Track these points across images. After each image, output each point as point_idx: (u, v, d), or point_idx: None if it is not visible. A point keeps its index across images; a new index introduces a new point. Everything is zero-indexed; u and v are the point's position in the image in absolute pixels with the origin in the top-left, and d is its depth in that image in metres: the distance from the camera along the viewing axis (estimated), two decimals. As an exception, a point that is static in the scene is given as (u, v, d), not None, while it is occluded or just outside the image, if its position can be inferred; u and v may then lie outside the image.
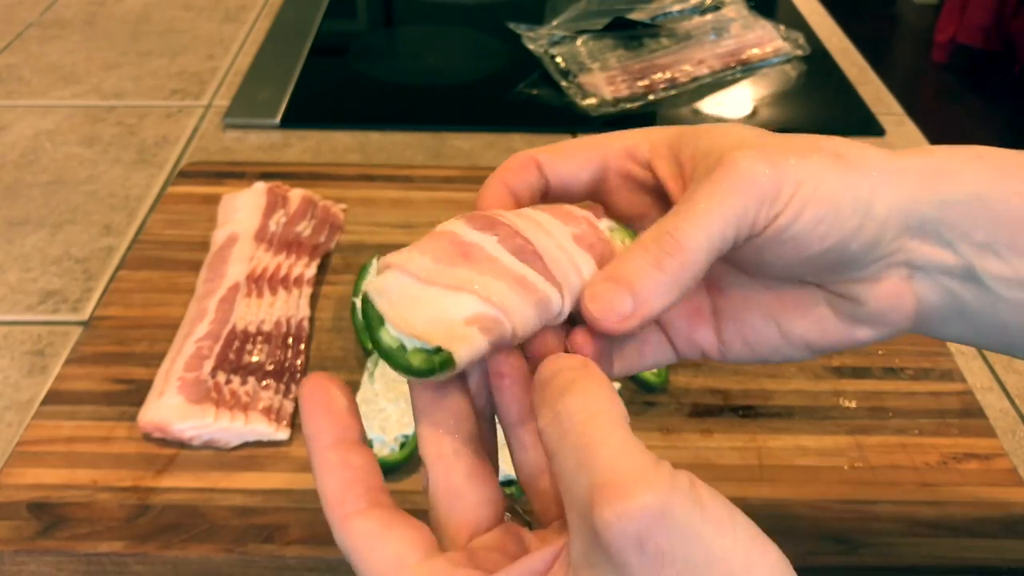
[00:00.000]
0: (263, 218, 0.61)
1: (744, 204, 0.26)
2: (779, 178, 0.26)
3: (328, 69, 0.91)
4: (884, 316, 0.29)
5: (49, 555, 0.43)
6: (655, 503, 0.19)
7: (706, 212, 0.26)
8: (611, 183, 0.31)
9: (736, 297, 0.31)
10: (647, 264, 0.25)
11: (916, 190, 0.27)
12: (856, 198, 0.27)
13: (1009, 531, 0.44)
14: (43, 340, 0.57)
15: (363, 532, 0.24)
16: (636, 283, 0.25)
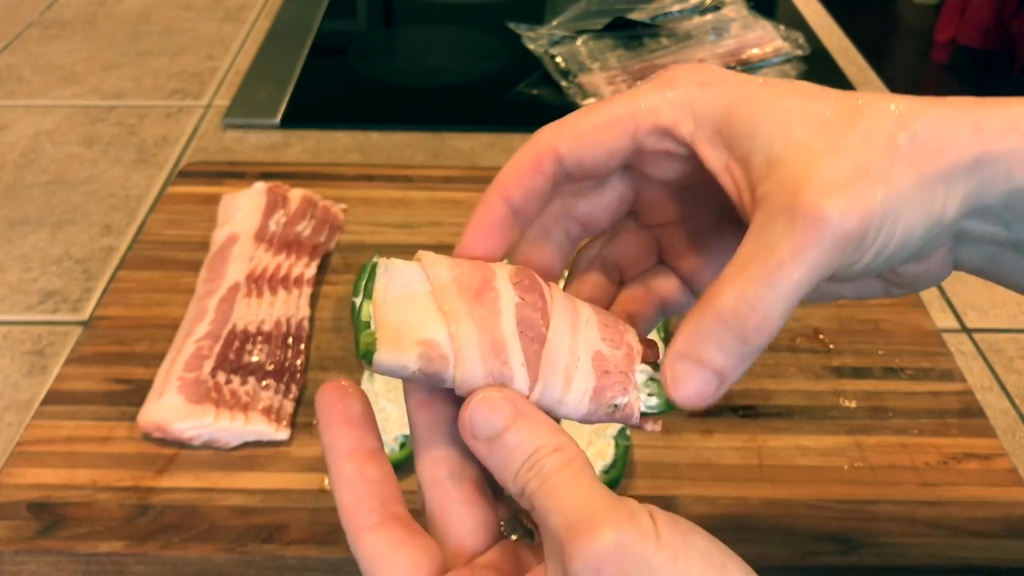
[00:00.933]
0: (263, 218, 0.61)
1: (831, 260, 0.24)
2: (866, 224, 0.24)
3: (328, 69, 0.91)
4: (922, 282, 0.29)
5: (49, 555, 0.43)
6: (612, 538, 0.21)
7: (791, 279, 0.23)
8: (644, 158, 0.28)
9: None
10: (730, 339, 0.24)
11: (991, 179, 0.25)
12: (931, 215, 0.25)
13: (1009, 531, 0.44)
14: (43, 340, 0.57)
15: (374, 550, 0.25)
16: (723, 366, 0.25)
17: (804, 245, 0.23)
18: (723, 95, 0.26)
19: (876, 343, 0.55)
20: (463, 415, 0.25)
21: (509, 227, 0.27)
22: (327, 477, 0.26)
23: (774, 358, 0.54)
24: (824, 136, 0.24)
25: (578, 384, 0.26)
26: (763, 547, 0.43)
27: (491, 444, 0.24)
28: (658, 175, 0.28)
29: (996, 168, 0.25)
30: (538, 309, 0.26)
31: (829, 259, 0.24)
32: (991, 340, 0.59)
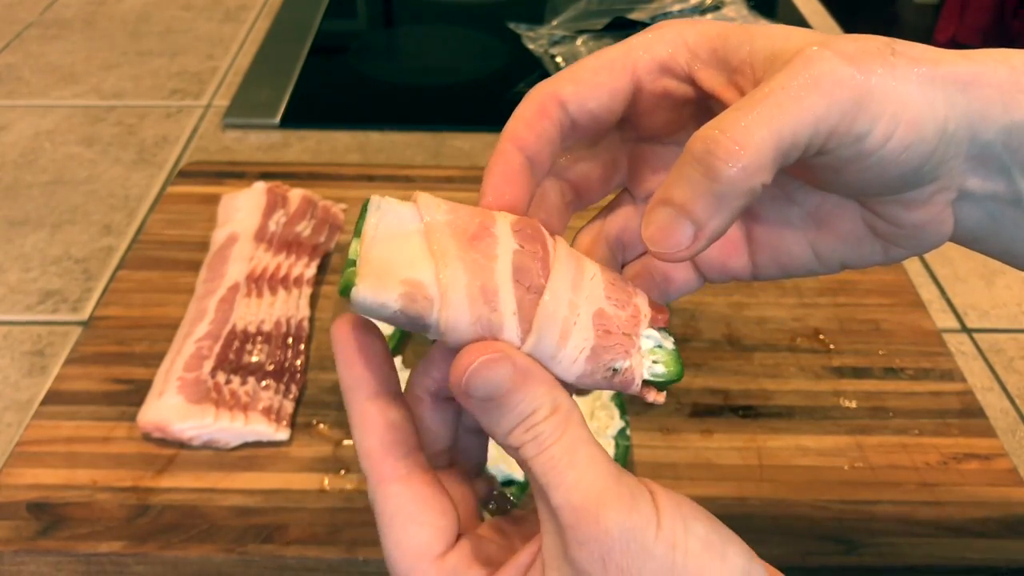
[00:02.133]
0: (263, 218, 0.61)
1: (827, 105, 0.22)
2: (867, 86, 0.23)
3: (328, 69, 0.91)
4: (922, 239, 0.28)
5: (49, 555, 0.43)
6: (616, 526, 0.22)
7: (776, 105, 0.22)
8: (644, 104, 0.27)
9: (773, 224, 0.29)
10: (699, 175, 0.22)
11: (988, 106, 0.25)
12: (937, 118, 0.24)
13: (1009, 531, 0.44)
14: (43, 340, 0.57)
15: (398, 504, 0.24)
16: (693, 204, 0.22)
17: (793, 76, 0.22)
18: (713, 26, 0.26)
19: (876, 343, 0.55)
20: (457, 373, 0.23)
21: (527, 176, 0.26)
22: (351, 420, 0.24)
23: (774, 358, 0.54)
24: (822, 36, 0.24)
25: (575, 341, 0.24)
26: (763, 547, 0.43)
27: (485, 403, 0.23)
28: (655, 126, 0.28)
29: (991, 95, 0.24)
30: (538, 259, 0.25)
31: (826, 101, 0.22)
32: (991, 340, 0.59)
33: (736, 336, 0.56)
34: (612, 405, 0.49)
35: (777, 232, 0.29)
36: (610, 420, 0.48)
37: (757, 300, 0.58)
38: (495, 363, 0.23)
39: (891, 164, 0.24)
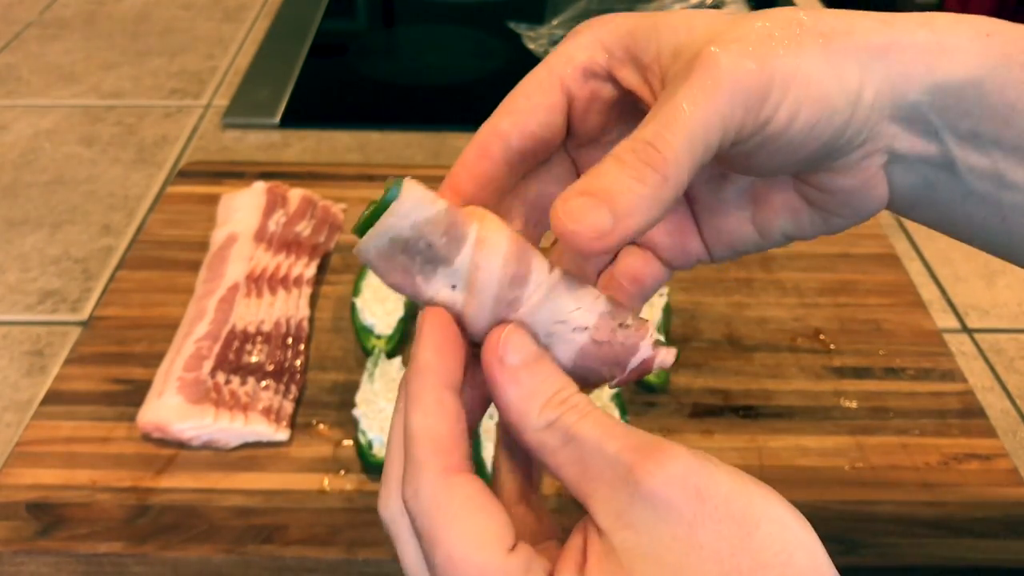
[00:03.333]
0: (262, 218, 0.61)
1: (730, 105, 0.23)
2: (767, 75, 0.24)
3: (328, 69, 0.90)
4: (857, 205, 0.28)
5: (48, 555, 0.43)
6: (687, 453, 0.22)
7: (687, 116, 0.23)
8: (578, 111, 0.28)
9: (712, 205, 0.29)
10: (626, 177, 0.23)
11: (910, 68, 0.25)
12: (847, 90, 0.25)
13: (1010, 531, 0.44)
14: (42, 340, 0.57)
15: (467, 494, 0.22)
16: (615, 197, 0.23)
17: (696, 85, 0.23)
18: (624, 22, 0.27)
19: (877, 343, 0.55)
20: (492, 341, 0.24)
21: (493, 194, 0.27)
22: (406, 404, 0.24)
23: (775, 358, 0.54)
24: (726, 20, 0.25)
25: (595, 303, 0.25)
26: (764, 548, 0.43)
27: (520, 370, 0.23)
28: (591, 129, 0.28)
29: (912, 59, 0.25)
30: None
31: (727, 101, 0.23)
32: (992, 340, 0.59)
33: (736, 336, 0.56)
34: (612, 405, 0.49)
35: (717, 213, 0.29)
36: (610, 420, 0.48)
37: (758, 300, 0.58)
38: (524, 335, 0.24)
39: (800, 143, 0.25)
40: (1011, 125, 0.26)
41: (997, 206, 0.27)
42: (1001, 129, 0.26)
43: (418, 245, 0.24)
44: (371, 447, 0.46)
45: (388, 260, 0.24)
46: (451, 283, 0.25)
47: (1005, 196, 0.27)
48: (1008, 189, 0.27)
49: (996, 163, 0.26)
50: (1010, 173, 0.26)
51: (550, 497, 0.45)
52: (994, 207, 0.27)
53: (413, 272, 0.25)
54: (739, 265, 0.61)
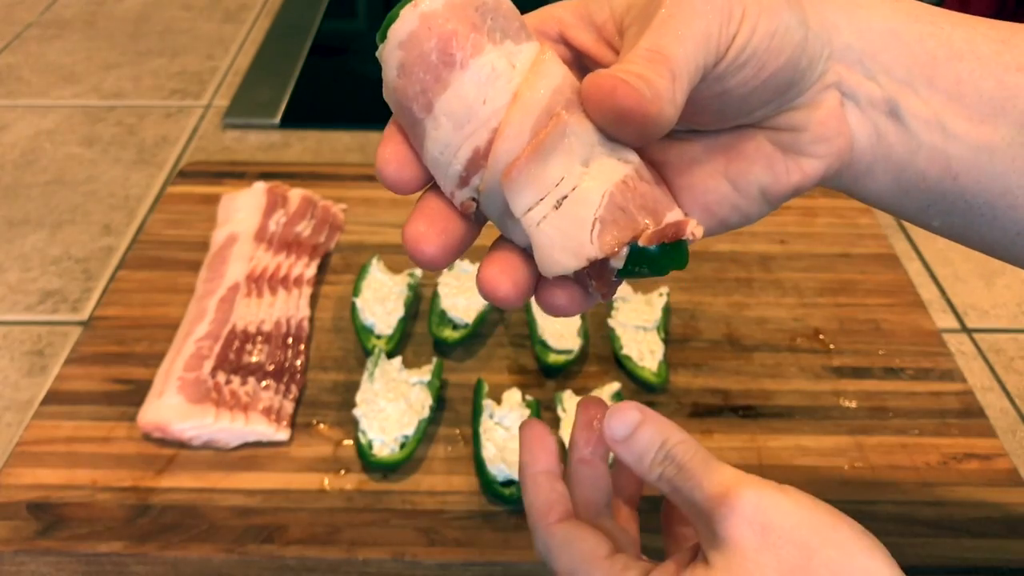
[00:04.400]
0: (263, 218, 0.61)
1: (707, 25, 0.25)
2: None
3: (328, 69, 0.91)
4: (825, 141, 0.29)
5: (49, 555, 0.43)
6: (755, 494, 0.26)
7: (680, 28, 0.25)
8: None
9: (682, 166, 0.30)
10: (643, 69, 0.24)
11: (837, 17, 0.28)
12: (793, 16, 0.27)
13: (1010, 531, 0.44)
14: (43, 340, 0.57)
15: (563, 535, 0.30)
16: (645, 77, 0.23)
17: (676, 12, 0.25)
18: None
19: (876, 343, 0.55)
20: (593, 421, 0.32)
21: None
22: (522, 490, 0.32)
23: (774, 358, 0.54)
24: None
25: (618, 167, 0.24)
26: (763, 547, 0.43)
27: (627, 443, 0.29)
28: None
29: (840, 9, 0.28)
30: None
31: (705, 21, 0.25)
32: (991, 340, 0.59)
33: (736, 336, 0.56)
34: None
35: (688, 172, 0.30)
36: (610, 420, 0.48)
37: (757, 300, 0.58)
38: (622, 408, 0.30)
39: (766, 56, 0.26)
40: (940, 74, 0.28)
41: (946, 161, 0.29)
42: (933, 76, 0.28)
43: (495, 12, 0.23)
44: (371, 447, 0.46)
45: (457, 10, 0.23)
46: (513, 61, 0.24)
47: (951, 148, 0.29)
48: (953, 140, 0.28)
49: (936, 111, 0.28)
50: (950, 122, 0.28)
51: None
52: (943, 163, 0.29)
53: (482, 30, 0.23)
54: (739, 265, 0.61)
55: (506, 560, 0.42)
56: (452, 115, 0.23)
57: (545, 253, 0.24)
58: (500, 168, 0.24)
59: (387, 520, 0.44)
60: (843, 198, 0.68)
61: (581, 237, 0.24)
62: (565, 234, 0.24)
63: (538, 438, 0.32)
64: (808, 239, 0.64)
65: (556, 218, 0.24)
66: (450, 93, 0.23)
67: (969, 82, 0.28)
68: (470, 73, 0.23)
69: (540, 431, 0.33)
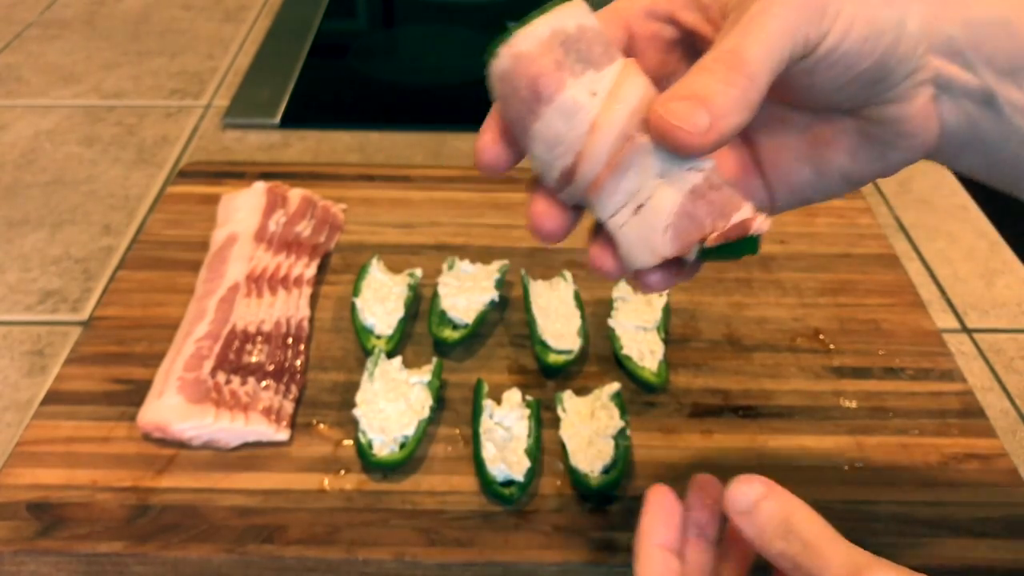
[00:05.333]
0: (263, 218, 0.61)
1: (796, 20, 0.26)
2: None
3: (328, 69, 0.91)
4: (912, 136, 0.30)
5: (49, 555, 0.43)
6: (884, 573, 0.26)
7: (762, 28, 0.26)
8: (639, 47, 0.31)
9: (770, 145, 0.32)
10: (715, 81, 0.26)
11: (944, 9, 0.29)
12: (893, 16, 0.28)
13: (1010, 531, 0.44)
14: (43, 340, 0.57)
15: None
16: (711, 99, 0.25)
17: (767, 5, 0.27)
18: None
19: (876, 343, 0.55)
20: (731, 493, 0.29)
21: None
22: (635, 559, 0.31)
23: (774, 358, 0.54)
24: None
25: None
26: (763, 547, 0.43)
27: (749, 516, 0.28)
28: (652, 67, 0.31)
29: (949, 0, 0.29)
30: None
31: (795, 17, 0.27)
32: (991, 340, 0.59)
33: (736, 336, 0.56)
34: (612, 405, 0.49)
35: (776, 152, 0.32)
36: (610, 420, 0.48)
37: (757, 300, 0.58)
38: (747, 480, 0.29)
39: (857, 57, 0.28)
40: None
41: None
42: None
43: (578, 44, 0.27)
44: (371, 447, 0.47)
45: (543, 50, 0.27)
46: (593, 89, 0.27)
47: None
48: None
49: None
50: None
51: (550, 497, 0.45)
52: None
53: (565, 66, 0.27)
54: (739, 265, 0.61)
55: (506, 560, 0.42)
56: (544, 140, 0.28)
57: (627, 251, 0.28)
58: (584, 185, 0.28)
59: (387, 520, 0.44)
60: (844, 198, 0.68)
61: (656, 239, 0.28)
62: (643, 236, 0.28)
63: (664, 509, 0.31)
64: (808, 239, 0.64)
65: (635, 223, 0.28)
66: (540, 123, 0.27)
67: None
68: (555, 106, 0.27)
69: (668, 501, 0.32)
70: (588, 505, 0.45)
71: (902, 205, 0.72)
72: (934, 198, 0.73)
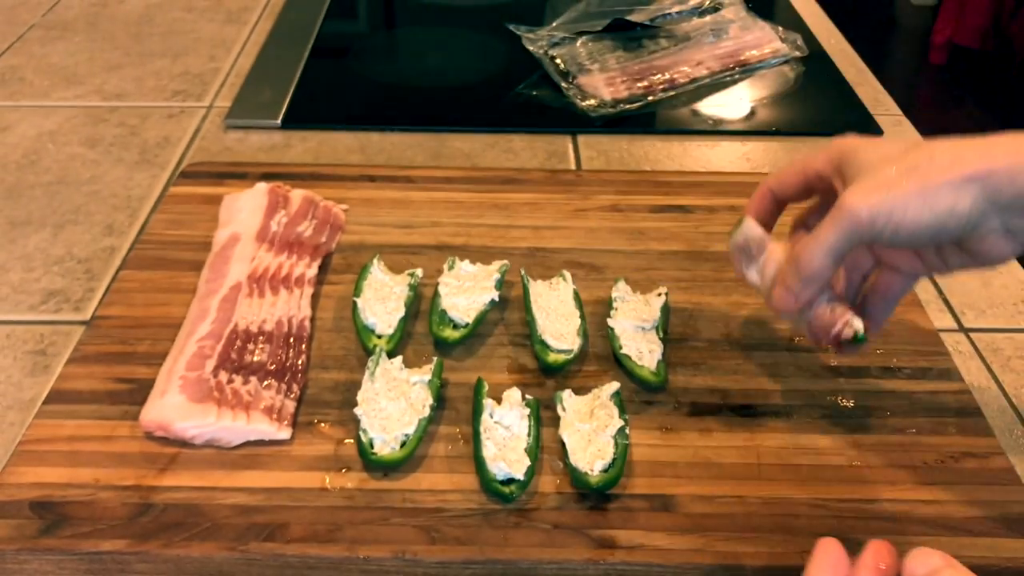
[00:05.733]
0: (264, 218, 0.61)
1: (848, 233, 0.41)
2: (873, 212, 0.39)
3: (329, 70, 0.91)
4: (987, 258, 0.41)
5: (51, 554, 0.43)
6: None
7: (821, 242, 0.41)
8: (816, 191, 0.47)
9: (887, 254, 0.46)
10: (792, 272, 0.44)
11: (997, 183, 0.38)
12: (937, 212, 0.39)
13: (1007, 530, 0.44)
14: (45, 339, 0.57)
15: None
16: (792, 287, 0.44)
17: (831, 221, 0.41)
18: (842, 149, 0.44)
19: (874, 342, 0.55)
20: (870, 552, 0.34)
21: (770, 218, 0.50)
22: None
23: (772, 357, 0.54)
24: (877, 166, 0.41)
25: None
26: (761, 546, 0.43)
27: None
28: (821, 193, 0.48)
29: (999, 178, 0.38)
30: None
31: (849, 233, 0.40)
32: (988, 339, 0.59)
33: (735, 336, 0.56)
34: (611, 404, 0.49)
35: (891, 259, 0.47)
36: (609, 419, 0.48)
37: (755, 300, 0.59)
38: (926, 552, 0.33)
39: (911, 243, 0.42)
40: None
41: None
42: None
43: (747, 249, 0.48)
44: (372, 445, 0.47)
45: (737, 253, 0.48)
46: (755, 273, 0.48)
47: None
48: None
49: None
50: None
51: (550, 495, 0.46)
52: None
53: (744, 263, 0.48)
54: (738, 265, 0.61)
55: (506, 558, 0.43)
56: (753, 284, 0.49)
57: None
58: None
59: (388, 518, 0.44)
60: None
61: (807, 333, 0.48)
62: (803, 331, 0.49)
63: (830, 561, 0.34)
64: (807, 239, 0.64)
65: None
66: (747, 280, 0.49)
67: None
68: (747, 279, 0.49)
69: (836, 554, 0.34)
70: (587, 503, 0.45)
71: (900, 206, 0.72)
72: (932, 199, 0.73)
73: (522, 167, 0.74)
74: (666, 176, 0.71)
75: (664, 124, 0.82)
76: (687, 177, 0.71)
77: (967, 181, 0.38)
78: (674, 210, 0.66)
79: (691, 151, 0.78)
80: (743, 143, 0.79)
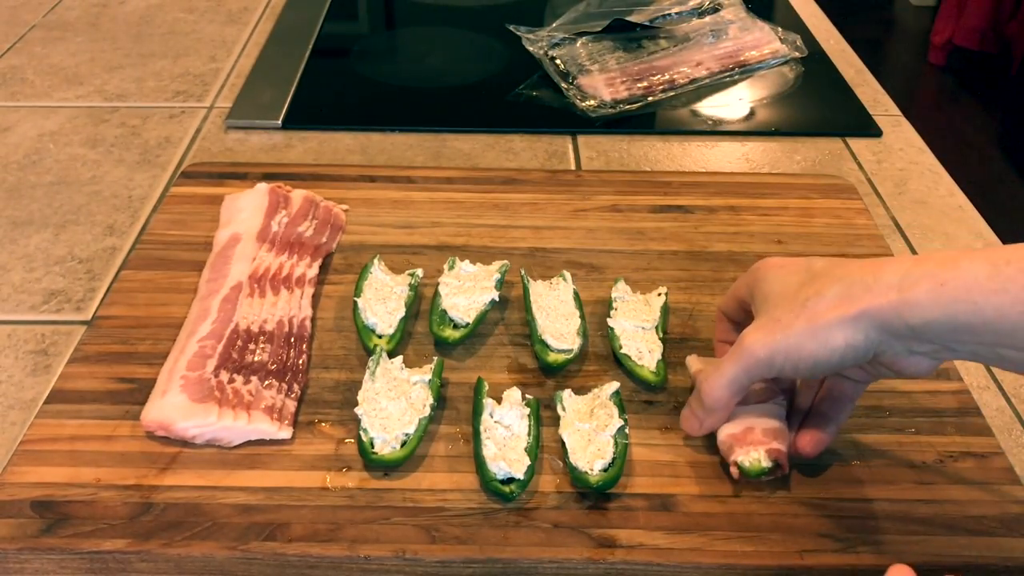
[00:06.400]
0: (265, 218, 0.61)
1: (748, 370, 0.43)
2: (770, 351, 0.41)
3: (330, 71, 0.91)
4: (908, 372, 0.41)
5: (52, 553, 0.43)
6: None
7: (723, 375, 0.44)
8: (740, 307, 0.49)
9: None
10: (697, 402, 0.46)
11: (883, 318, 0.38)
12: (831, 348, 0.40)
13: (1006, 529, 0.45)
14: (47, 339, 0.58)
15: None
16: (696, 414, 0.47)
17: (732, 357, 0.43)
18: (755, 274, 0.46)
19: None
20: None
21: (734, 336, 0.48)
22: None
23: (772, 358, 0.54)
24: (774, 302, 0.43)
25: None
26: (761, 545, 0.44)
27: None
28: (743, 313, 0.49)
29: (887, 314, 0.38)
30: None
31: (748, 369, 0.43)
32: (988, 340, 0.59)
33: (735, 336, 0.56)
34: (611, 404, 0.49)
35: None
36: (609, 419, 0.48)
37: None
38: None
39: (811, 376, 0.46)
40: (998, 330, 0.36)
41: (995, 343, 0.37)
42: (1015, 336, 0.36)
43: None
44: (372, 445, 0.47)
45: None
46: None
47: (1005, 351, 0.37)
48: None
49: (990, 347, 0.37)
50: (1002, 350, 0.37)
51: (550, 495, 0.46)
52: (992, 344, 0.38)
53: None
54: (737, 265, 0.61)
55: (506, 557, 0.43)
56: None
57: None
58: None
59: (388, 517, 0.44)
60: (841, 198, 0.68)
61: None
62: None
63: None
64: (806, 239, 0.64)
65: None
66: None
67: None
68: None
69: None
70: (587, 502, 0.45)
71: (899, 206, 0.72)
72: (930, 198, 0.73)
73: (522, 167, 0.75)
74: (666, 176, 0.72)
75: (664, 124, 0.82)
76: (687, 177, 0.71)
77: (856, 319, 0.39)
78: (674, 210, 0.67)
79: (691, 151, 0.78)
80: (743, 144, 0.80)
